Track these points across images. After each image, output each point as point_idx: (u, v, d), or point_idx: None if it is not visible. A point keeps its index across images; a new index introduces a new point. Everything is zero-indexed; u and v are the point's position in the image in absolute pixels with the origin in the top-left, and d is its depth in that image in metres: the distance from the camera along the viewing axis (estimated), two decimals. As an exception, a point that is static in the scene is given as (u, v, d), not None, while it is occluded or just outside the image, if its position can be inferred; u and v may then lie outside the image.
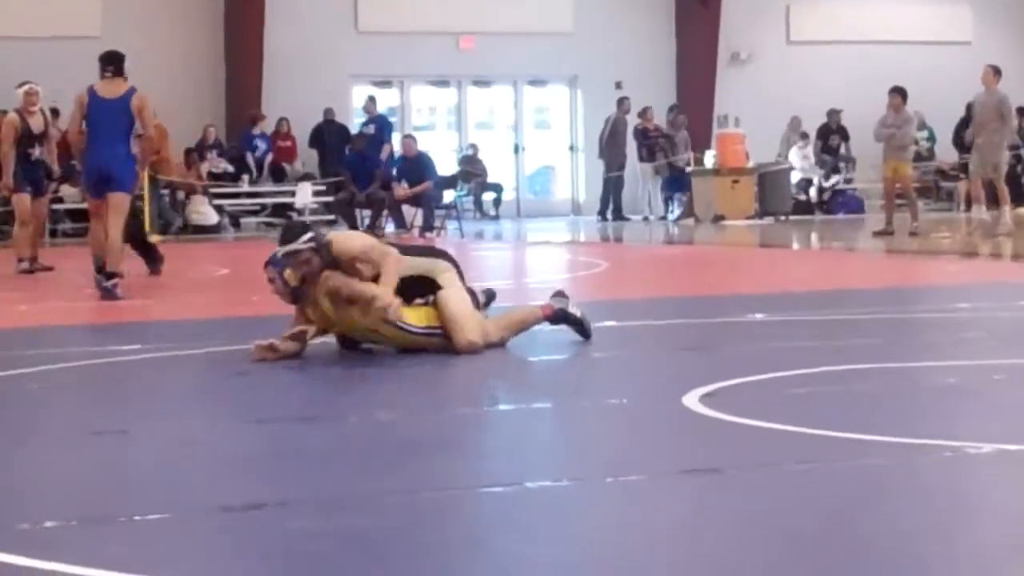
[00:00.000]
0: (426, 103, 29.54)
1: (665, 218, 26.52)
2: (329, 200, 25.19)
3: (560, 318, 8.46)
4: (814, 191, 27.34)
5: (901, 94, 19.73)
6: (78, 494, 4.87)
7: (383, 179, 23.56)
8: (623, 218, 26.52)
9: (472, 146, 28.33)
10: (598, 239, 22.68)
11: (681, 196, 26.35)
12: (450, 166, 27.11)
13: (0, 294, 13.14)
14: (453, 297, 8.12)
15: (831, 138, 28.73)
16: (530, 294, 11.70)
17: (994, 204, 19.66)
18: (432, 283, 8.21)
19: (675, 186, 26.56)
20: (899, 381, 7.07)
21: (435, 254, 8.66)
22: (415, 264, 8.27)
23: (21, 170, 15.24)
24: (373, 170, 23.77)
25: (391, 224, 23.28)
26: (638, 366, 8.00)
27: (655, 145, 27.13)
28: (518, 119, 29.60)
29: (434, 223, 22.78)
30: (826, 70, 29.53)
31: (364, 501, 4.61)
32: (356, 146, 24.57)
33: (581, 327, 8.46)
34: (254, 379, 7.53)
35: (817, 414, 5.99)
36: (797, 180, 26.87)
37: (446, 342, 8.06)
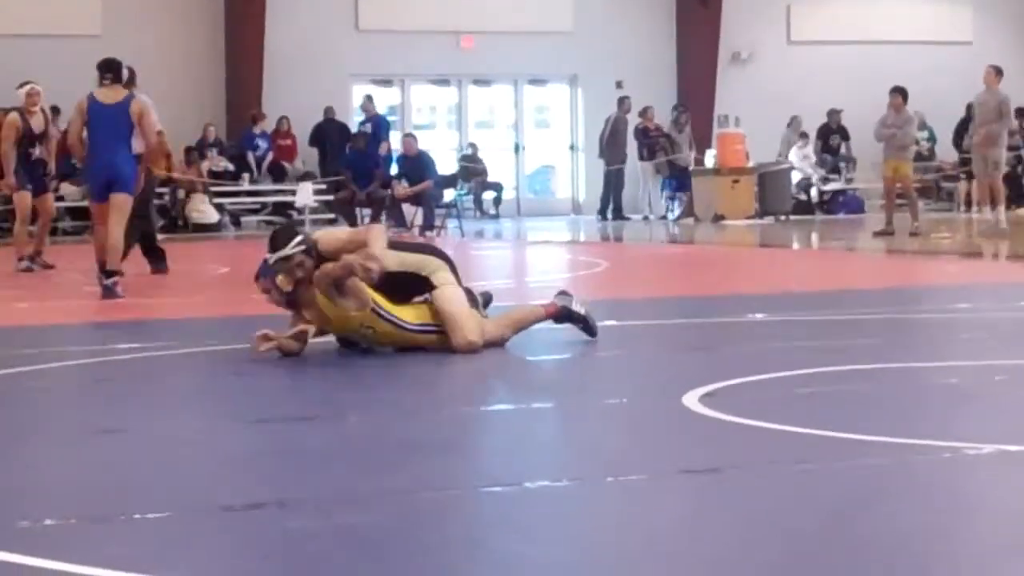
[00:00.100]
0: (426, 102, 29.54)
1: (665, 218, 26.52)
2: (329, 199, 25.19)
3: (564, 316, 8.42)
4: (814, 191, 27.33)
5: (902, 94, 19.74)
6: (78, 493, 4.87)
7: (383, 178, 23.56)
8: (623, 217, 26.52)
9: (471, 145, 28.32)
10: (598, 238, 22.68)
11: (682, 195, 26.35)
12: (450, 165, 27.11)
13: (0, 292, 13.14)
14: (449, 296, 8.06)
15: (831, 138, 28.72)
16: (530, 294, 11.71)
17: (992, 203, 19.66)
18: (425, 281, 8.14)
19: (678, 185, 26.53)
20: (899, 381, 7.06)
21: (427, 251, 8.57)
22: (405, 259, 8.18)
23: (22, 169, 15.37)
24: (373, 169, 23.78)
25: (391, 223, 23.26)
26: (638, 366, 8.00)
27: (655, 144, 27.13)
28: (518, 118, 29.59)
29: (434, 222, 22.77)
30: (826, 70, 29.52)
31: (364, 501, 4.61)
32: (356, 145, 24.57)
33: (586, 324, 8.42)
34: (254, 378, 7.53)
35: (817, 414, 5.99)
36: (798, 180, 26.86)
37: (442, 339, 8.01)
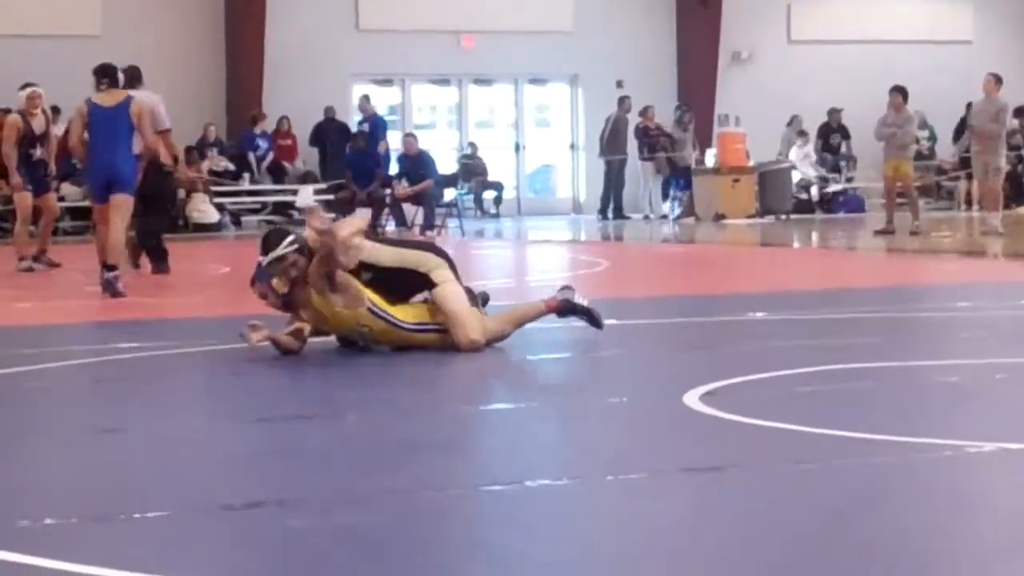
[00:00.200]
0: (427, 102, 29.53)
1: (666, 217, 26.50)
2: (330, 199, 25.18)
3: (568, 310, 8.38)
4: (815, 190, 27.32)
5: (902, 93, 19.74)
6: (78, 492, 4.87)
7: (383, 178, 23.55)
8: (624, 217, 26.51)
9: (471, 145, 28.31)
10: (599, 238, 22.67)
11: (682, 195, 26.31)
12: (451, 165, 27.11)
13: (1, 292, 13.14)
14: (450, 294, 8.03)
15: (832, 137, 28.73)
16: (531, 293, 11.69)
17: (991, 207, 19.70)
18: (423, 277, 8.11)
19: (681, 184, 26.46)
20: (900, 380, 7.06)
21: (425, 248, 8.52)
22: (402, 256, 8.16)
23: (23, 170, 15.40)
24: (373, 169, 23.76)
25: (392, 222, 23.27)
26: (639, 365, 7.99)
27: (656, 143, 27.12)
28: (519, 118, 29.58)
29: (435, 221, 22.77)
30: (827, 69, 29.51)
31: (364, 500, 4.61)
32: (356, 145, 24.56)
33: (590, 316, 8.40)
34: (254, 378, 7.53)
35: (818, 413, 5.99)
36: (798, 179, 26.86)
37: (440, 338, 7.99)
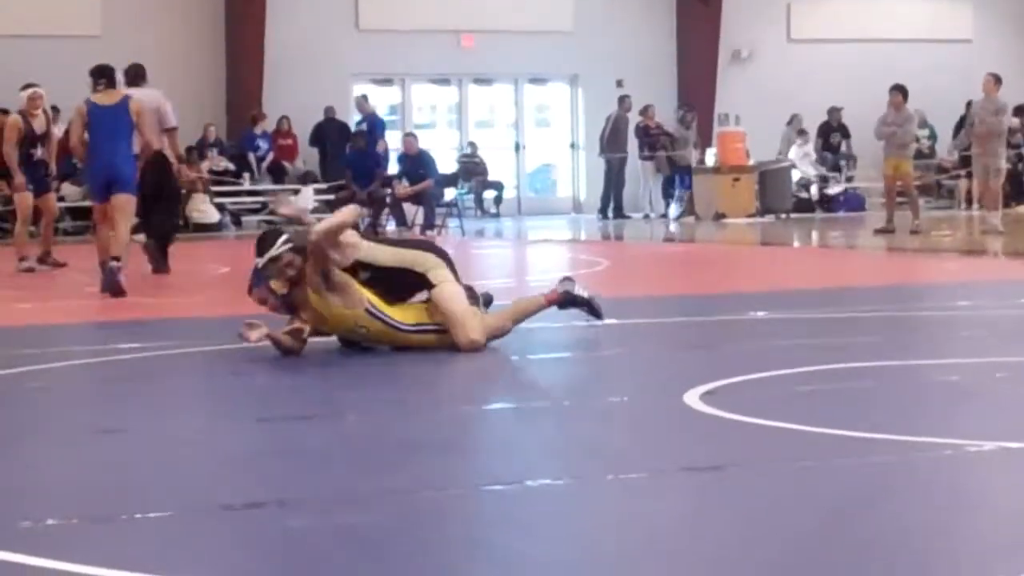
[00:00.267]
0: (427, 101, 29.52)
1: (666, 216, 26.49)
2: (330, 199, 25.17)
3: (568, 301, 8.38)
4: (815, 189, 27.31)
5: (902, 92, 19.73)
6: (79, 492, 4.87)
7: (383, 177, 23.55)
8: (624, 216, 26.50)
9: (471, 144, 28.31)
10: (599, 237, 22.66)
11: (683, 194, 26.28)
12: (451, 164, 27.11)
13: (1, 292, 13.14)
14: (449, 294, 8.01)
15: (832, 136, 28.73)
16: (531, 293, 11.67)
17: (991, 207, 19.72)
18: (420, 277, 8.09)
19: (686, 183, 26.37)
20: (900, 379, 7.06)
21: (423, 248, 8.47)
22: (400, 255, 8.14)
23: (24, 170, 15.41)
24: (373, 168, 23.76)
25: (392, 222, 23.27)
26: (639, 364, 7.99)
27: (656, 143, 27.11)
28: (519, 117, 29.57)
29: (435, 221, 22.77)
30: (827, 68, 29.51)
31: (364, 500, 4.61)
32: (357, 144, 24.56)
33: (590, 307, 8.39)
34: (254, 378, 7.53)
35: (818, 412, 5.99)
36: (798, 178, 26.85)
37: (438, 339, 7.97)
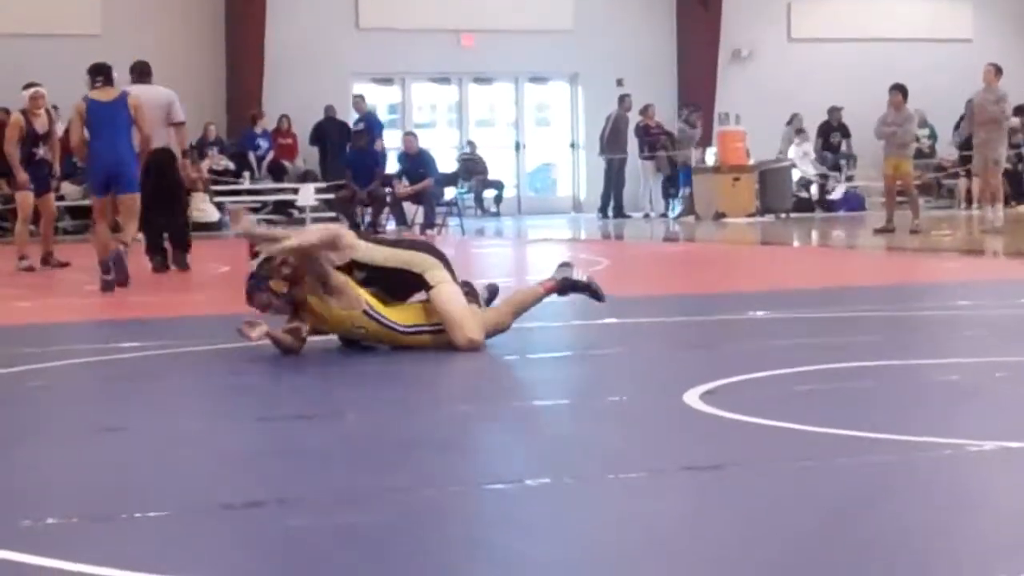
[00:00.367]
0: (427, 100, 29.54)
1: (666, 215, 26.49)
2: (330, 198, 25.17)
3: (568, 287, 8.37)
4: (815, 188, 27.31)
5: (902, 92, 19.74)
6: (79, 491, 4.87)
7: (382, 176, 23.55)
8: (624, 215, 26.51)
9: (469, 143, 28.31)
10: (599, 236, 22.66)
11: (683, 193, 26.28)
12: (451, 163, 27.11)
13: (1, 291, 13.14)
14: (447, 295, 7.98)
15: (832, 135, 28.73)
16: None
17: (991, 201, 19.70)
18: (418, 278, 8.07)
19: (686, 182, 26.36)
20: (900, 378, 7.06)
21: (419, 248, 8.43)
22: (395, 255, 8.11)
23: (26, 169, 15.41)
24: (373, 168, 23.76)
25: (392, 221, 23.27)
26: (639, 363, 7.99)
27: (656, 142, 27.11)
28: (519, 116, 29.59)
29: (435, 220, 22.77)
30: (827, 68, 29.52)
31: (364, 499, 4.61)
32: (357, 144, 24.57)
33: (591, 291, 8.39)
34: (254, 377, 7.53)
35: (818, 412, 5.99)
36: (798, 178, 26.85)
37: (434, 339, 7.96)
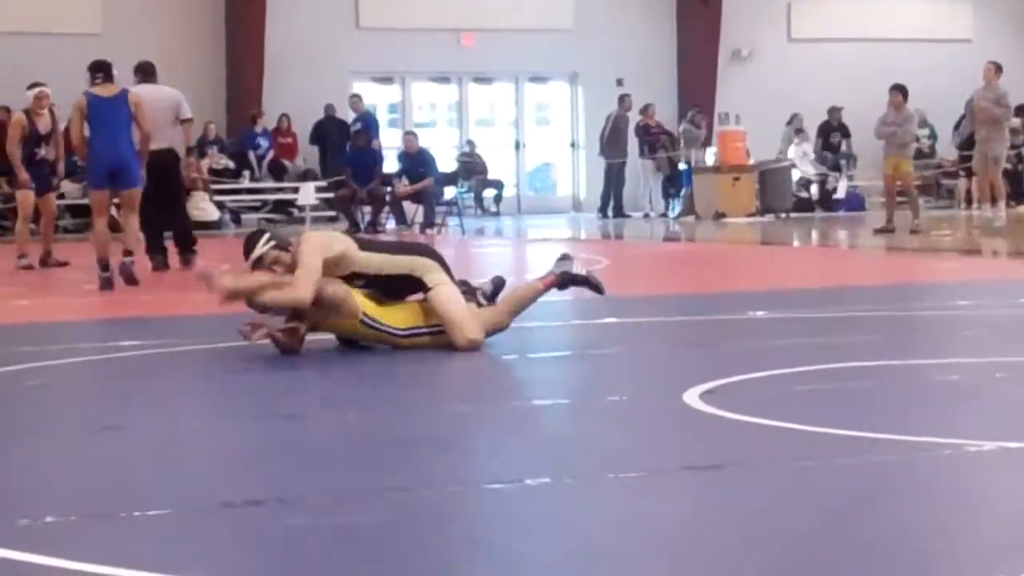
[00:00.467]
0: (427, 100, 29.54)
1: (666, 215, 26.49)
2: (330, 196, 25.17)
3: (567, 282, 8.36)
4: (815, 188, 27.31)
5: (902, 92, 19.73)
6: (78, 490, 4.87)
7: (382, 176, 23.55)
8: (624, 215, 26.50)
9: (469, 143, 28.31)
10: (599, 236, 22.66)
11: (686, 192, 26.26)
12: (451, 163, 27.11)
13: (1, 289, 13.14)
14: (445, 296, 7.96)
15: (832, 135, 28.73)
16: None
17: (992, 200, 19.72)
18: (418, 282, 8.07)
19: (687, 181, 26.32)
20: (900, 378, 7.06)
21: (416, 251, 8.41)
22: (393, 261, 8.08)
23: (28, 169, 15.43)
24: (373, 167, 23.76)
25: (392, 221, 23.27)
26: (639, 363, 7.99)
27: (656, 142, 27.11)
28: (519, 116, 29.59)
29: (435, 220, 22.77)
30: (827, 68, 29.52)
31: (363, 498, 4.61)
32: (357, 143, 24.57)
33: (589, 283, 8.39)
34: (254, 376, 7.53)
35: (818, 411, 5.99)
36: (798, 178, 26.85)
37: (431, 340, 7.94)
